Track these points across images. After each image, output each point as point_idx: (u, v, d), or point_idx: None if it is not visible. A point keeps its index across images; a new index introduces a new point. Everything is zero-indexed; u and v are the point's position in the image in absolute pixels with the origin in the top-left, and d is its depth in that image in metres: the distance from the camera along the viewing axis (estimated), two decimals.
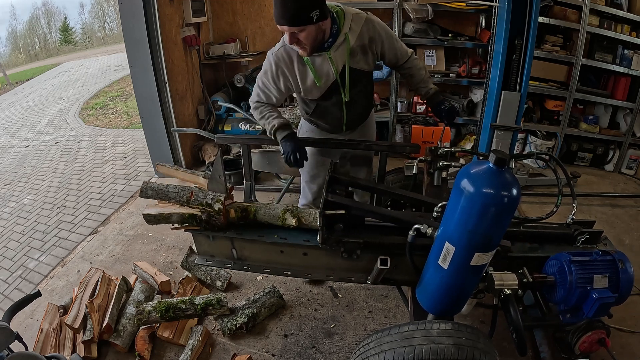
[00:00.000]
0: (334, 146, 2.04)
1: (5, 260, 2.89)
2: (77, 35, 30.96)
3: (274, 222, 1.59)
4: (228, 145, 3.74)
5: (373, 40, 1.72)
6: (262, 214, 1.60)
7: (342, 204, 1.43)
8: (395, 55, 1.82)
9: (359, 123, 2.00)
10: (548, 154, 1.64)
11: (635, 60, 3.22)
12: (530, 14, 2.27)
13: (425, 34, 3.43)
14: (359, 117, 1.97)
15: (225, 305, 1.96)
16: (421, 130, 3.53)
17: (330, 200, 1.43)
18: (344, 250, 1.47)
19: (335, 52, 1.67)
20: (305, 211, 1.60)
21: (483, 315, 1.96)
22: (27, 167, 4.80)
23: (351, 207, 1.46)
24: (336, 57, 1.68)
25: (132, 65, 3.24)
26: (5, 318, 1.27)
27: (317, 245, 1.50)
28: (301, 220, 1.56)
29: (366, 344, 1.27)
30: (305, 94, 1.80)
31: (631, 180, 3.43)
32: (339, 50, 1.67)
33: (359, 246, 1.46)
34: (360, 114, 1.96)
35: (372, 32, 1.70)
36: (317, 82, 1.71)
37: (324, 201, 1.43)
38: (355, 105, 1.86)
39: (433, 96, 1.89)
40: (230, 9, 3.99)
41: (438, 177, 1.77)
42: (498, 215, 1.07)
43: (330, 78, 1.73)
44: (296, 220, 1.55)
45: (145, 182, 1.66)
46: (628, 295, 1.33)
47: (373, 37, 1.71)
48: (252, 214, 1.60)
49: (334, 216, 1.42)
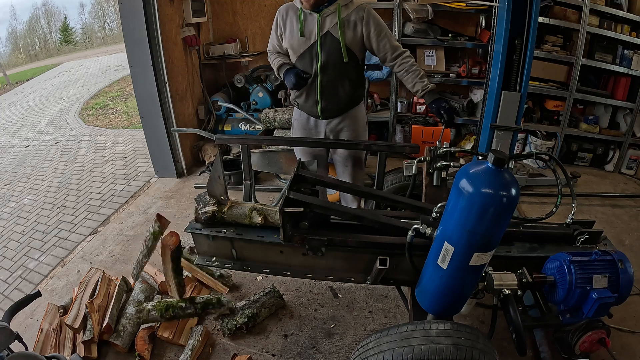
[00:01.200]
0: (334, 146, 2.04)
1: (5, 260, 2.89)
2: (77, 35, 30.97)
3: (242, 222, 1.61)
4: (228, 145, 3.74)
5: (362, 21, 1.86)
6: (230, 214, 1.62)
7: (302, 202, 1.43)
8: (383, 46, 1.91)
9: (336, 110, 2.05)
10: (548, 154, 1.64)
11: (635, 60, 3.22)
12: (530, 14, 2.27)
13: (425, 34, 3.44)
14: (335, 101, 2.01)
15: (225, 305, 1.96)
16: (421, 131, 3.53)
17: (291, 198, 1.44)
18: (308, 248, 1.49)
19: (325, 17, 1.85)
20: (271, 210, 1.61)
21: (483, 315, 1.96)
22: (27, 167, 4.80)
23: (312, 204, 1.45)
24: (324, 22, 1.86)
25: (132, 65, 3.24)
26: (5, 318, 1.27)
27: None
28: (267, 218, 1.58)
29: (365, 345, 1.27)
30: (289, 46, 1.97)
31: (631, 181, 3.44)
32: (328, 18, 1.85)
33: (323, 244, 1.47)
34: (336, 99, 2.01)
35: (361, 15, 1.86)
36: (300, 33, 1.89)
37: (285, 198, 1.44)
38: (329, 84, 1.95)
39: (430, 93, 1.92)
40: (230, 9, 3.99)
41: (437, 177, 1.77)
42: (497, 215, 1.07)
43: (312, 38, 1.88)
44: (262, 218, 1.57)
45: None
46: (628, 295, 1.33)
47: (362, 18, 1.86)
48: (220, 214, 1.61)
49: (298, 214, 1.43)
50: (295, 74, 1.92)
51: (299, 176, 1.62)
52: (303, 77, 1.93)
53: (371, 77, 3.45)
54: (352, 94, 2.04)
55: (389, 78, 3.51)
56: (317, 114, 2.05)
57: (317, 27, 1.86)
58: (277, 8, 2.00)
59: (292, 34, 1.93)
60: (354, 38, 1.88)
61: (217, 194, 1.62)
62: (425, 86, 1.92)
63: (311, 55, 1.92)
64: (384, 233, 1.48)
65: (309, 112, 2.10)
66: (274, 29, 2.01)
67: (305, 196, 1.48)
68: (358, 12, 1.86)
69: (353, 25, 1.87)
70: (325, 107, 2.02)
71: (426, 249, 1.32)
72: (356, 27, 1.87)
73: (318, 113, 2.05)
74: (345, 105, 2.06)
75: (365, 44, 1.92)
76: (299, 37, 1.90)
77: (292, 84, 1.94)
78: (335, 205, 1.55)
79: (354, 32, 1.87)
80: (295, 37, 1.92)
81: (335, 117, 2.07)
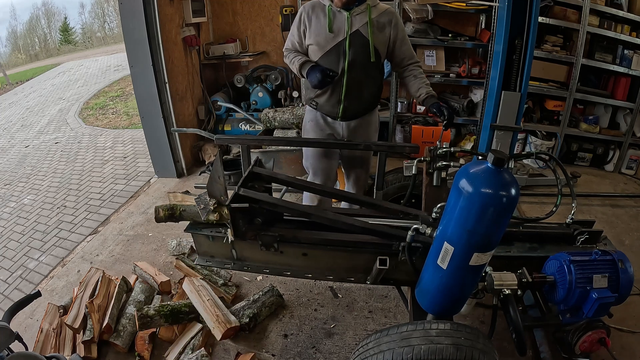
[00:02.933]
0: (333, 146, 2.04)
1: (5, 260, 2.89)
2: (77, 35, 30.93)
3: (198, 219, 1.61)
4: (228, 145, 3.74)
5: (390, 24, 1.89)
6: (187, 213, 1.63)
7: (250, 198, 1.46)
8: (403, 52, 1.96)
9: (357, 112, 2.03)
10: (548, 154, 1.64)
11: (635, 60, 3.22)
12: (530, 14, 2.27)
13: (425, 34, 3.44)
14: (358, 102, 2.00)
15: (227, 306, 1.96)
16: (421, 131, 3.54)
17: (240, 195, 1.47)
18: (262, 244, 1.53)
19: (355, 15, 1.85)
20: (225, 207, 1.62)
21: (483, 315, 1.96)
22: (27, 167, 4.80)
23: (261, 201, 1.48)
24: (354, 21, 1.85)
25: (132, 65, 3.24)
26: (5, 318, 1.27)
27: (315, 245, 1.50)
28: (222, 215, 1.58)
29: (365, 345, 1.27)
30: (314, 42, 1.92)
31: (631, 180, 3.44)
32: (358, 17, 1.86)
33: (275, 239, 1.51)
34: (359, 99, 1.99)
35: (391, 18, 1.90)
36: (328, 29, 1.87)
37: (233, 195, 1.46)
38: (355, 83, 1.93)
39: (432, 98, 1.94)
40: (230, 9, 3.99)
41: (437, 177, 1.77)
42: (497, 215, 1.06)
43: (340, 35, 1.86)
44: (217, 215, 1.57)
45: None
46: (628, 295, 1.33)
47: (391, 21, 1.90)
48: (179, 213, 1.62)
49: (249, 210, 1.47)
50: (321, 70, 1.85)
51: (254, 174, 1.66)
52: (329, 75, 1.86)
53: None
54: (376, 95, 2.05)
55: (389, 78, 3.51)
56: (337, 114, 2.01)
57: (346, 24, 1.85)
58: (276, 8, 2.01)
59: (319, 30, 1.89)
60: (382, 39, 1.90)
61: (217, 194, 1.62)
62: (430, 92, 1.95)
63: (338, 53, 1.89)
64: (346, 231, 1.51)
65: (327, 113, 2.05)
66: (295, 26, 1.96)
67: (255, 193, 1.52)
68: (387, 15, 1.89)
69: (382, 27, 1.88)
70: (347, 107, 1.99)
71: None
72: (384, 29, 1.89)
73: (339, 114, 2.00)
74: (367, 107, 2.05)
75: (389, 46, 1.94)
76: (327, 33, 1.87)
77: (317, 81, 1.85)
78: (285, 202, 1.59)
79: (382, 33, 1.89)
80: (322, 33, 1.89)
81: (354, 118, 2.04)
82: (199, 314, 1.91)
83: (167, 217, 1.62)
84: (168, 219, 1.62)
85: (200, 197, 1.64)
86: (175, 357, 1.79)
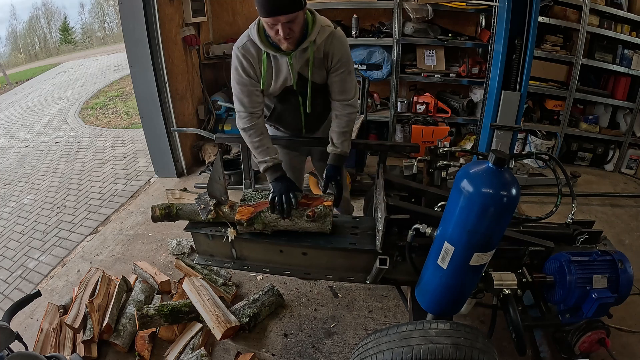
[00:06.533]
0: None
1: (5, 260, 2.89)
2: (77, 35, 30.95)
3: (195, 218, 1.64)
4: (228, 145, 3.74)
5: (327, 55, 1.60)
6: (184, 212, 1.64)
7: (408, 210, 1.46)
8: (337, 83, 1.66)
9: (319, 125, 1.91)
10: (548, 153, 1.65)
11: (635, 60, 3.22)
12: (530, 13, 2.27)
13: (425, 33, 3.43)
14: (317, 120, 1.87)
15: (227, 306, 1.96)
16: (421, 130, 3.53)
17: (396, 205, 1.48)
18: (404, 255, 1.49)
19: (295, 58, 1.57)
20: (221, 206, 1.64)
21: (482, 315, 1.96)
22: (27, 167, 4.80)
23: (415, 212, 1.48)
24: (295, 64, 1.58)
25: (132, 65, 3.24)
26: (5, 318, 1.27)
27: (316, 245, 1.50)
28: (219, 213, 1.60)
29: (365, 344, 1.27)
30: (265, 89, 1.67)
31: (631, 180, 3.43)
32: (298, 58, 1.58)
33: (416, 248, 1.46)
34: (319, 118, 1.87)
35: (329, 47, 1.58)
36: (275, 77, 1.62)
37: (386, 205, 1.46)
38: (314, 114, 1.77)
39: (339, 158, 1.75)
40: (230, 8, 3.99)
41: (437, 176, 1.77)
42: (497, 215, 1.07)
43: (286, 81, 1.63)
44: (213, 212, 1.60)
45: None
46: (627, 295, 1.33)
47: (328, 52, 1.59)
48: (175, 212, 1.64)
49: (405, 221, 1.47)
50: (286, 187, 1.58)
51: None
52: (290, 204, 1.55)
53: (371, 76, 3.45)
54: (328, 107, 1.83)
55: (388, 78, 3.51)
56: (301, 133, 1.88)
57: (291, 70, 1.59)
58: None
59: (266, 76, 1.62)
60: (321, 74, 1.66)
61: (217, 194, 1.62)
62: (337, 150, 1.74)
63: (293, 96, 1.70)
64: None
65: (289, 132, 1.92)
66: (241, 75, 1.60)
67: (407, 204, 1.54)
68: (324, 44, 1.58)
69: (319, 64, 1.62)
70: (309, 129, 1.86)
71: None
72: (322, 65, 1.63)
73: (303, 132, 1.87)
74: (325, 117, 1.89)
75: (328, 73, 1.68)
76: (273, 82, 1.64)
77: (278, 195, 1.56)
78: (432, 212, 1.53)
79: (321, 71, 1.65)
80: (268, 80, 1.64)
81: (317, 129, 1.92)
82: (199, 313, 1.90)
83: (164, 216, 1.63)
84: (164, 218, 1.63)
85: (200, 197, 1.65)
86: (175, 356, 1.80)
